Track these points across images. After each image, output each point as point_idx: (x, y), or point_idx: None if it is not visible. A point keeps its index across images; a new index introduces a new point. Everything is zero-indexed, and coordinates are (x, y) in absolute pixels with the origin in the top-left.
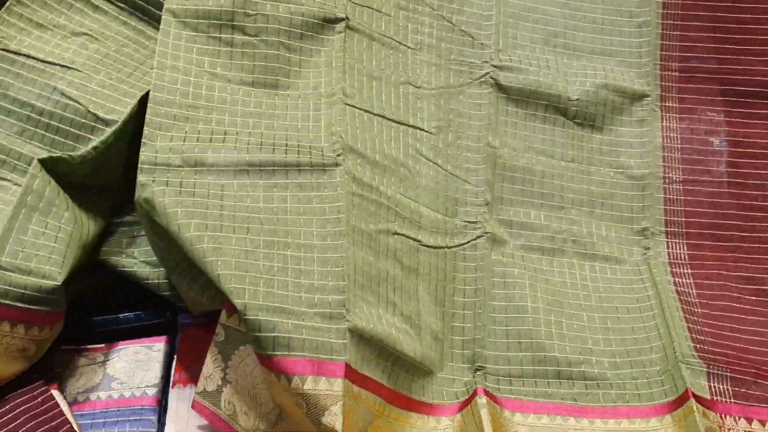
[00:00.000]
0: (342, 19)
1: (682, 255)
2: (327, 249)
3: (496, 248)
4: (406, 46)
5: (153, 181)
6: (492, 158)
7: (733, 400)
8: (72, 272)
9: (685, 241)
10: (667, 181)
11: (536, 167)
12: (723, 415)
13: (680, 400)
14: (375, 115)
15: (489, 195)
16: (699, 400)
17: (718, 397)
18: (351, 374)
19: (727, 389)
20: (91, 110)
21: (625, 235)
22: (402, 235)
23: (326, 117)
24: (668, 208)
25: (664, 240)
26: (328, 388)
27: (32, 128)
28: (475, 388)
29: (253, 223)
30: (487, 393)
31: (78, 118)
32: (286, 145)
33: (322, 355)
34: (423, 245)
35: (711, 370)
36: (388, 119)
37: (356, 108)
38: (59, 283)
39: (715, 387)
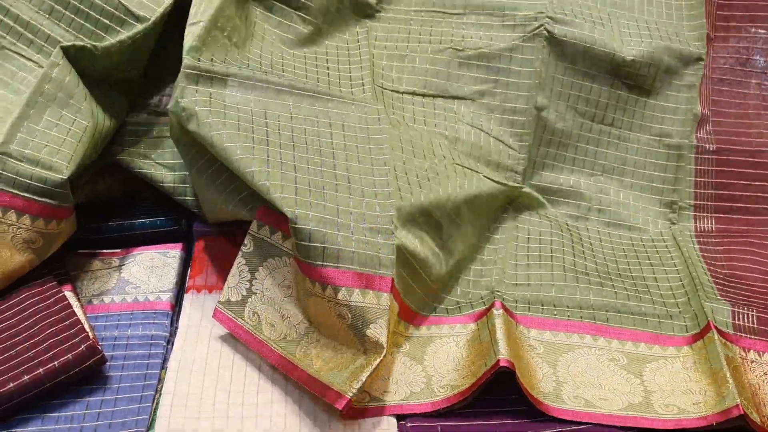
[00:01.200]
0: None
1: (710, 228)
2: (373, 173)
3: (527, 212)
4: (449, 13)
5: (197, 90)
6: (535, 120)
7: (757, 337)
8: (80, 168)
9: (713, 215)
10: (699, 150)
11: (573, 130)
12: (746, 349)
13: (701, 334)
14: (402, 93)
15: (528, 160)
16: (721, 333)
17: (742, 333)
18: (393, 289)
19: (752, 327)
20: (122, 2)
21: (652, 206)
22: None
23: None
24: (699, 180)
25: (691, 214)
26: (375, 302)
27: (62, 9)
28: (493, 301)
29: (298, 142)
30: (504, 307)
31: (108, 8)
32: (329, 81)
33: (371, 270)
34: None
35: (736, 309)
36: (418, 95)
37: (384, 89)
38: (65, 177)
39: (739, 324)
